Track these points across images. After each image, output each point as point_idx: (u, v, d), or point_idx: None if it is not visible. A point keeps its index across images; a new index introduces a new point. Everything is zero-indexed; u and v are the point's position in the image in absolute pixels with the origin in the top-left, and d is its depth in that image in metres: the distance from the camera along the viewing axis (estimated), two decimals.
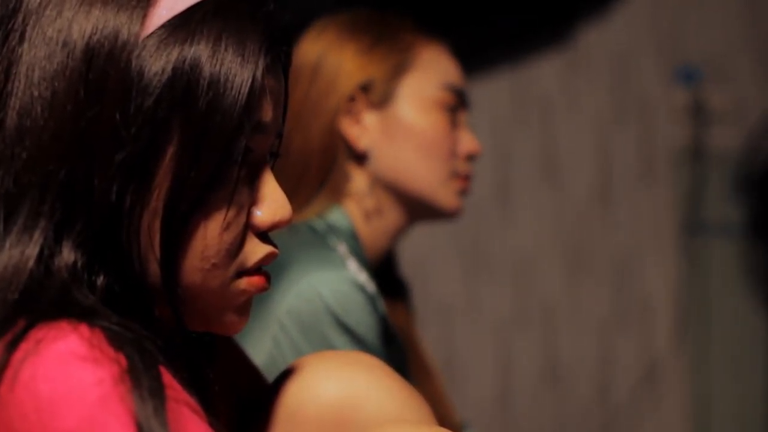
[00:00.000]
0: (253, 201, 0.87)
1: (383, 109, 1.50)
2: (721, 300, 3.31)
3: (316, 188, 1.49)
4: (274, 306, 1.37)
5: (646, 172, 3.31)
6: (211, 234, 0.84)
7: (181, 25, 0.83)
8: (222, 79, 0.83)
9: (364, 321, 1.37)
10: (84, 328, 0.78)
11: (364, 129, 1.49)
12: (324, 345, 1.35)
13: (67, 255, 0.82)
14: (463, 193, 1.54)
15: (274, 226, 0.88)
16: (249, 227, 0.87)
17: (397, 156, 1.50)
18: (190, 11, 0.84)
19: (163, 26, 0.83)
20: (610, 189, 3.29)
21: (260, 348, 1.37)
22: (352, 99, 1.49)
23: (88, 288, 0.82)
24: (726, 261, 3.30)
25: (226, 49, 0.83)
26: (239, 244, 0.86)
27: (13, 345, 0.77)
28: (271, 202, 0.88)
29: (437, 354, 2.85)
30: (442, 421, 1.00)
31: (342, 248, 1.44)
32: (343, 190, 1.49)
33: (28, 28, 0.84)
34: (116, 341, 0.78)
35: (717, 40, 3.32)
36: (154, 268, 0.84)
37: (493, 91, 3.16)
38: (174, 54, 0.82)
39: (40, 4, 0.84)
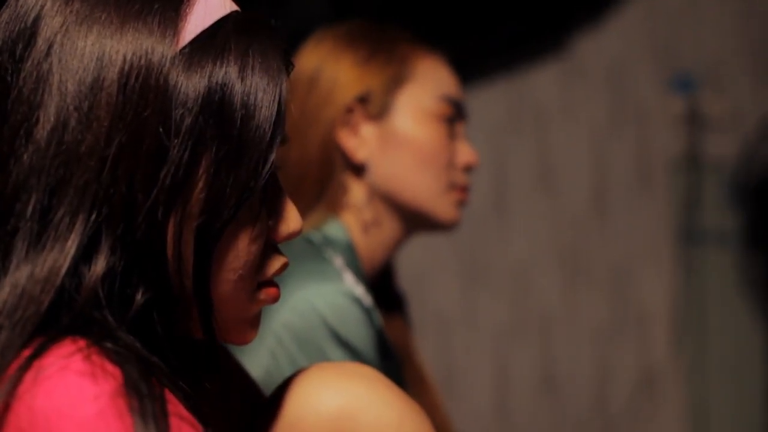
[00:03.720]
0: (270, 213, 0.89)
1: (381, 121, 1.50)
2: (718, 308, 3.31)
3: (313, 200, 1.49)
4: (271, 319, 1.37)
5: (643, 180, 3.31)
6: (241, 246, 0.86)
7: (209, 42, 0.85)
8: (253, 95, 0.85)
9: (360, 334, 1.37)
10: (84, 344, 0.78)
11: (361, 140, 1.49)
12: (320, 358, 1.35)
13: (100, 267, 0.82)
14: (461, 204, 1.54)
15: (288, 237, 0.91)
16: (267, 239, 0.89)
17: (394, 167, 1.49)
18: (215, 27, 0.86)
19: (192, 42, 0.85)
20: (606, 198, 3.29)
21: (257, 361, 1.37)
22: (349, 110, 1.49)
23: (119, 301, 0.83)
24: (722, 269, 3.30)
25: (253, 66, 0.86)
26: (262, 257, 0.88)
27: (26, 364, 0.77)
28: (286, 214, 0.90)
29: (435, 364, 2.84)
30: None
31: (338, 261, 1.44)
32: (340, 202, 1.49)
33: (56, 43, 0.84)
34: (116, 358, 0.79)
35: (713, 48, 3.32)
36: (185, 280, 0.85)
37: (489, 100, 3.16)
38: (207, 70, 0.84)
39: (65, 19, 0.84)
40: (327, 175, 1.49)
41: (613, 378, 3.29)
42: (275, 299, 0.91)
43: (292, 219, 0.91)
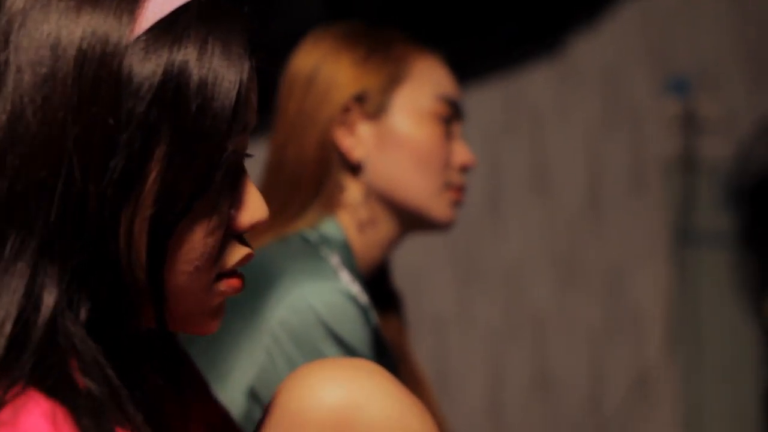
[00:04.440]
0: (231, 202, 0.88)
1: (377, 120, 1.50)
2: (713, 309, 3.31)
3: (309, 199, 1.49)
4: (267, 317, 1.37)
5: (637, 182, 3.32)
6: (196, 238, 0.85)
7: (167, 29, 0.83)
8: (210, 83, 0.83)
9: (356, 332, 1.37)
10: (47, 405, 0.77)
11: (358, 140, 1.49)
12: (316, 356, 1.35)
13: (53, 299, 0.81)
14: (457, 204, 1.54)
15: (252, 227, 0.89)
16: (228, 229, 0.88)
17: (391, 167, 1.50)
18: (175, 14, 0.84)
19: (150, 30, 0.83)
20: (601, 199, 3.30)
21: (253, 359, 1.37)
22: (346, 110, 1.49)
23: (77, 302, 0.82)
24: (717, 270, 3.30)
25: (212, 53, 0.84)
26: (220, 247, 0.87)
27: None
28: (249, 204, 0.88)
29: (429, 365, 2.85)
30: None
31: (335, 259, 1.44)
32: (336, 201, 1.49)
33: (14, 32, 0.83)
34: (78, 418, 0.78)
35: (707, 50, 3.33)
36: (140, 273, 0.84)
37: (485, 101, 3.16)
38: (163, 58, 0.82)
39: (24, 7, 0.83)
40: (324, 174, 1.49)
41: (607, 379, 3.30)
42: (236, 291, 0.89)
43: (255, 208, 0.89)
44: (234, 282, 0.89)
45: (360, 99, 1.49)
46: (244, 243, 0.89)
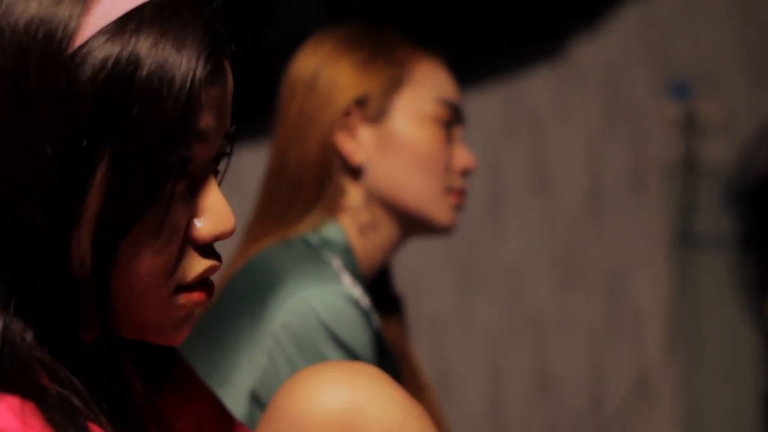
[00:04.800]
0: (193, 212, 0.83)
1: (378, 124, 1.50)
2: (713, 312, 3.32)
3: (311, 202, 1.49)
4: (269, 320, 1.37)
5: (638, 184, 3.32)
6: (146, 252, 0.80)
7: (117, 31, 0.78)
8: (157, 86, 0.78)
9: (358, 335, 1.38)
10: (15, 402, 0.76)
11: (359, 143, 1.50)
12: (318, 359, 1.35)
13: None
14: (458, 208, 1.55)
15: (216, 239, 0.84)
16: (188, 241, 0.83)
17: (392, 170, 1.50)
18: (127, 17, 0.79)
19: (98, 33, 0.78)
20: (601, 201, 3.30)
21: (254, 362, 1.37)
22: (347, 113, 1.49)
23: (25, 319, 0.79)
24: (717, 273, 3.31)
25: (163, 56, 0.78)
26: (176, 261, 0.82)
27: None
28: (213, 214, 0.83)
29: (430, 367, 2.85)
30: None
31: (336, 262, 1.44)
32: (338, 205, 1.50)
33: None
34: (47, 412, 0.76)
35: (708, 52, 3.33)
36: (87, 286, 0.80)
37: (485, 103, 3.16)
38: (110, 61, 0.77)
39: None
40: (325, 178, 1.49)
41: (607, 381, 3.30)
42: (198, 304, 0.85)
43: (219, 221, 0.83)
44: (195, 296, 0.84)
45: (361, 103, 1.50)
46: (209, 254, 0.84)
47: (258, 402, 1.36)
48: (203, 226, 0.83)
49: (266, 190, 1.52)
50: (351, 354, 1.36)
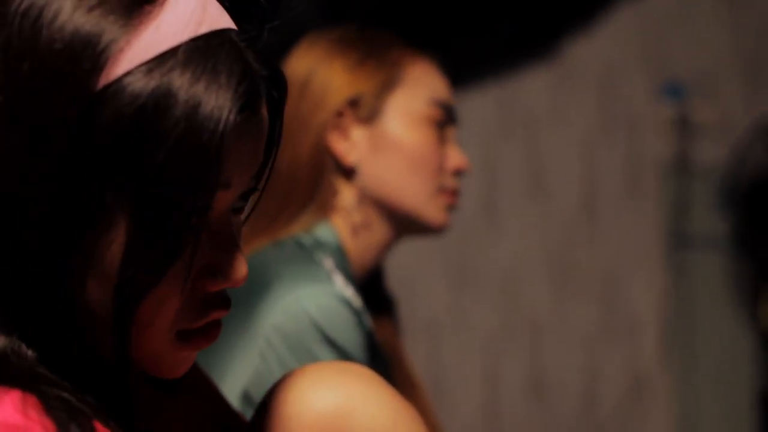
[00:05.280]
0: (208, 261, 0.81)
1: (371, 125, 1.50)
2: (708, 313, 3.32)
3: (304, 203, 1.49)
4: (261, 321, 1.37)
5: (633, 186, 3.32)
6: (166, 301, 0.79)
7: (150, 71, 0.75)
8: (186, 136, 0.74)
9: (350, 336, 1.38)
10: (16, 395, 0.75)
11: (352, 144, 1.50)
12: (310, 360, 1.35)
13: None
14: (451, 208, 1.55)
15: (228, 287, 0.82)
16: (199, 289, 0.81)
17: (384, 171, 1.50)
18: (160, 59, 0.76)
19: (131, 71, 0.75)
20: (596, 203, 3.30)
21: (247, 363, 1.37)
22: (340, 114, 1.49)
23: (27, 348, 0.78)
24: (712, 274, 3.31)
25: (194, 103, 0.74)
26: (187, 309, 0.81)
27: None
28: (228, 265, 0.81)
29: (424, 369, 2.85)
30: None
31: (328, 263, 1.44)
32: (330, 205, 1.49)
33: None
34: (49, 407, 0.75)
35: (703, 55, 3.33)
36: (102, 335, 0.79)
37: (480, 105, 3.17)
38: (137, 102, 0.74)
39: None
40: (318, 178, 1.49)
41: (602, 383, 3.30)
42: (200, 348, 0.83)
43: (233, 273, 0.81)
44: (200, 341, 0.83)
45: (354, 103, 1.50)
46: (219, 302, 0.82)
47: (250, 402, 1.36)
48: (218, 278, 0.81)
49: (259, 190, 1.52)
50: (343, 354, 1.36)
